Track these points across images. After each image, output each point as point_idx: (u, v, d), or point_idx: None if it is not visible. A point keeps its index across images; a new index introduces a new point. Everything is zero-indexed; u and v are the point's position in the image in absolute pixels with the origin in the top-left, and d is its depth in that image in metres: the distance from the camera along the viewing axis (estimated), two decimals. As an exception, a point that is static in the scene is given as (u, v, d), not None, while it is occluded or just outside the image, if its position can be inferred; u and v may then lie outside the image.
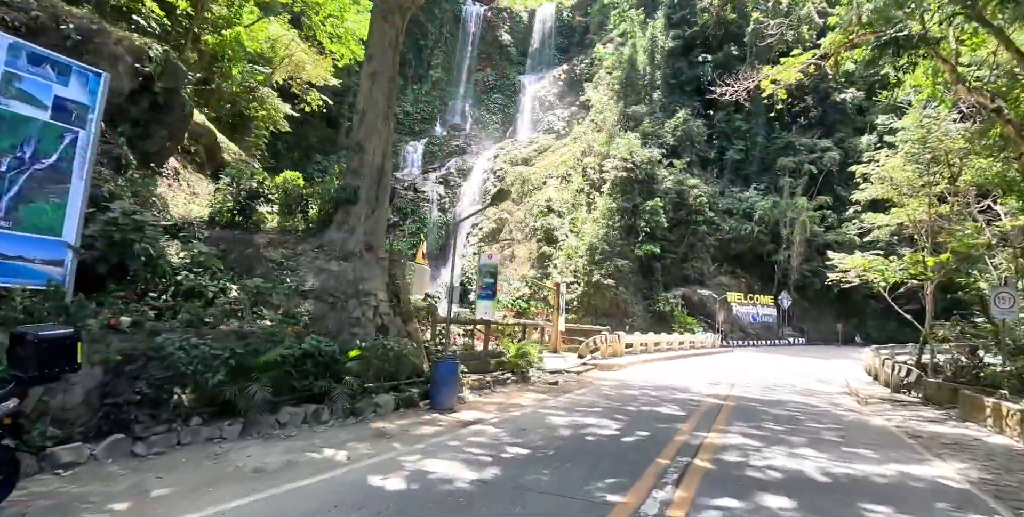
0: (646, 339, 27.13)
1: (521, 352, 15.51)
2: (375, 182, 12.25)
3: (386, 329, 11.51)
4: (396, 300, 12.16)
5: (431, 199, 55.82)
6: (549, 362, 19.11)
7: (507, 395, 13.21)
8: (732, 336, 44.44)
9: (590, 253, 43.13)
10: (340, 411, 9.32)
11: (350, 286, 11.10)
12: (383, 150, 12.48)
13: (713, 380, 18.45)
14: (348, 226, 11.95)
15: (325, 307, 10.76)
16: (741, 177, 49.98)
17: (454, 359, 11.27)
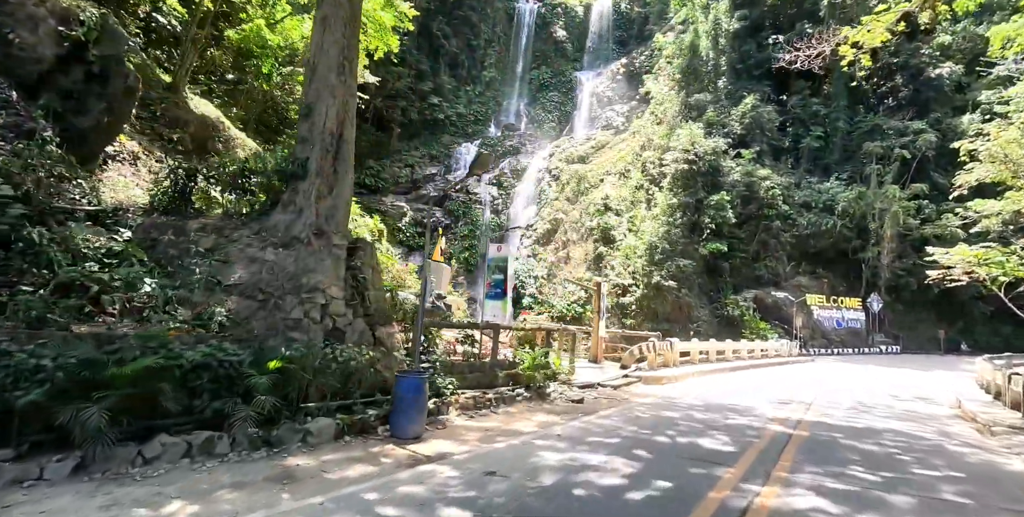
0: (707, 346, 23.65)
1: (538, 363, 12.76)
2: (329, 151, 9.93)
3: (340, 334, 9.11)
4: (360, 298, 9.74)
5: (484, 201, 53.77)
6: (584, 374, 16.24)
7: (508, 417, 10.52)
8: (813, 344, 39.69)
9: (650, 253, 39.70)
10: (246, 441, 6.95)
11: (289, 280, 8.78)
12: (340, 112, 10.14)
13: (784, 398, 15.01)
14: (295, 207, 9.67)
15: (253, 305, 8.49)
16: (820, 167, 45.07)
17: (421, 373, 8.71)
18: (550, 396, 12.69)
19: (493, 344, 12.66)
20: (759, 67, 49.41)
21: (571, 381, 14.37)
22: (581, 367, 17.76)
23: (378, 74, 55.20)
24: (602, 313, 19.15)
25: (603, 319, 19.10)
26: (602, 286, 19.23)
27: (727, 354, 25.03)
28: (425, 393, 8.53)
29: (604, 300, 19.18)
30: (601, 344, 19.11)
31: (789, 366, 27.94)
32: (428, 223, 11.54)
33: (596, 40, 71.70)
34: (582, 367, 17.81)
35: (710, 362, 22.97)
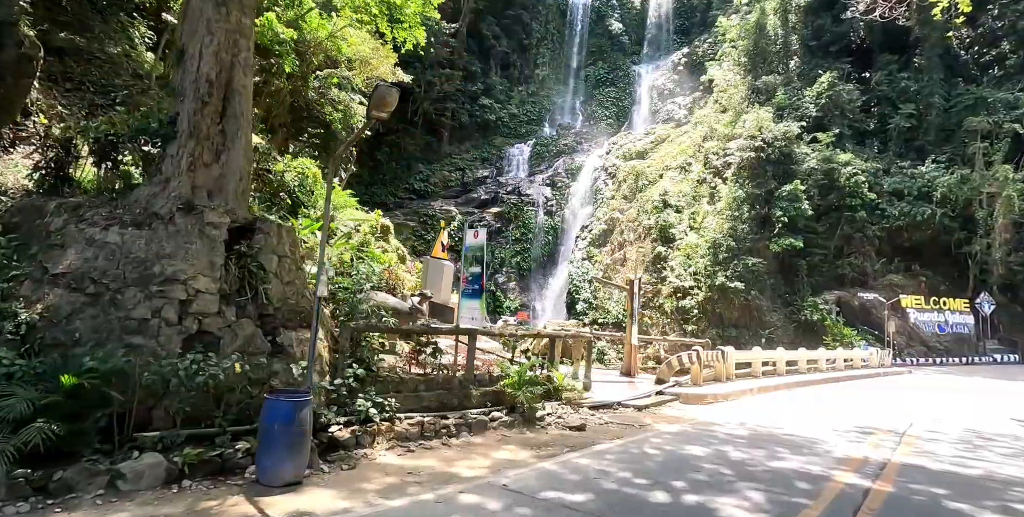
0: (772, 356, 19.89)
1: (528, 379, 9.97)
2: (208, 105, 7.61)
3: (213, 339, 6.75)
4: (251, 294, 7.35)
5: (537, 202, 51.17)
6: (606, 391, 13.28)
7: (463, 451, 7.83)
8: (909, 352, 34.35)
9: (713, 251, 35.83)
10: (2, 489, 4.67)
11: (134, 268, 6.50)
12: (224, 54, 7.79)
13: (865, 424, 11.48)
14: (162, 176, 7.43)
15: (79, 301, 6.23)
16: (912, 149, 39.51)
17: (296, 395, 6.18)
18: (542, 420, 9.86)
19: (468, 354, 9.99)
20: (836, 42, 44.38)
21: (580, 400, 11.46)
22: (609, 381, 14.78)
23: (426, 77, 54.11)
24: (635, 316, 16.03)
25: (635, 323, 15.97)
26: (634, 285, 16.14)
27: (800, 365, 21.11)
28: (302, 422, 6.02)
29: (637, 301, 16.07)
30: (635, 354, 15.98)
31: (878, 379, 23.54)
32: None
33: (655, 31, 67.87)
34: (610, 381, 14.81)
35: (777, 375, 19.24)
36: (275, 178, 17.50)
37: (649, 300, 38.82)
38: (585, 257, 45.91)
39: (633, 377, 15.68)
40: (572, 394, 11.65)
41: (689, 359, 14.53)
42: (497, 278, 47.29)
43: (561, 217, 50.80)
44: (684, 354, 14.74)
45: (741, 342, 33.82)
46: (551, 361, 11.80)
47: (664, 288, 37.66)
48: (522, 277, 47.83)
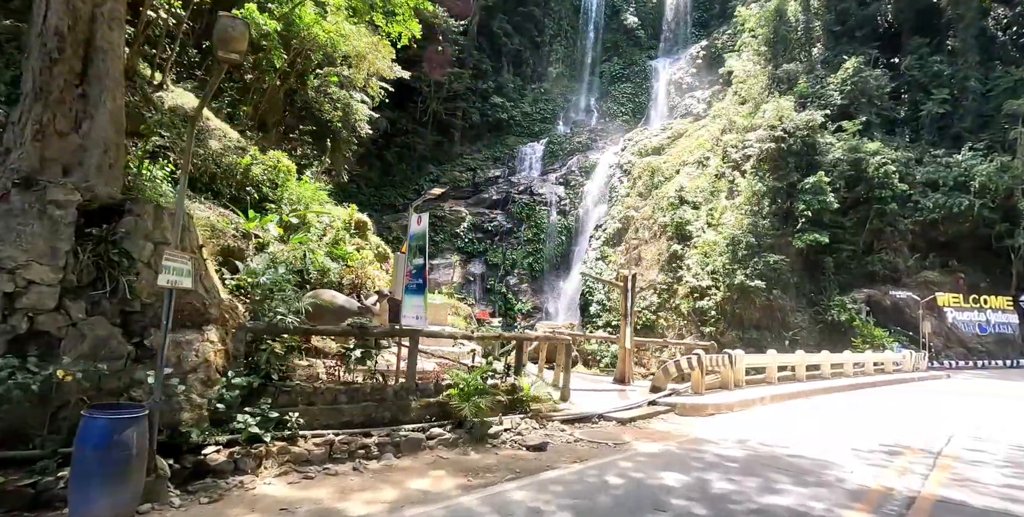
0: (790, 360, 17.91)
1: (477, 389, 8.41)
2: (59, 62, 6.19)
3: (52, 341, 5.37)
4: (111, 288, 5.95)
5: (549, 202, 49.58)
6: (589, 400, 11.66)
7: (374, 477, 6.31)
8: (947, 354, 31.79)
9: (732, 248, 33.78)
10: None
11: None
12: (77, 3, 6.34)
13: (892, 441, 9.67)
14: (2, 147, 6.11)
15: None
16: (947, 137, 36.91)
17: (130, 409, 4.75)
18: (496, 438, 8.29)
19: (408, 359, 8.48)
20: (862, 27, 41.98)
21: (552, 413, 9.85)
22: (597, 390, 13.13)
23: (435, 77, 52.97)
24: (629, 316, 14.32)
25: (629, 325, 14.24)
26: (628, 281, 14.42)
27: (823, 369, 19.09)
28: (124, 445, 4.60)
29: (631, 299, 14.35)
30: (629, 359, 14.23)
31: (912, 385, 21.37)
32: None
33: (673, 24, 65.87)
34: (599, 390, 13.16)
35: (796, 381, 17.30)
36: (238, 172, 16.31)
37: (665, 301, 36.88)
38: (599, 257, 44.11)
39: (627, 385, 13.98)
40: (544, 405, 10.05)
41: (689, 364, 12.79)
42: (509, 280, 45.79)
43: (575, 217, 49.10)
44: (683, 358, 13.00)
45: (763, 345, 31.68)
46: (517, 367, 10.21)
47: (680, 288, 35.71)
48: (534, 279, 46.24)
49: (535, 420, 9.36)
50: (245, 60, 28.32)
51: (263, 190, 16.52)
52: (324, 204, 17.93)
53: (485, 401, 8.36)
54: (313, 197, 17.00)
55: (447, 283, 45.24)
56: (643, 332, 37.70)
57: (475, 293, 45.47)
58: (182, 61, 25.08)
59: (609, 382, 14.32)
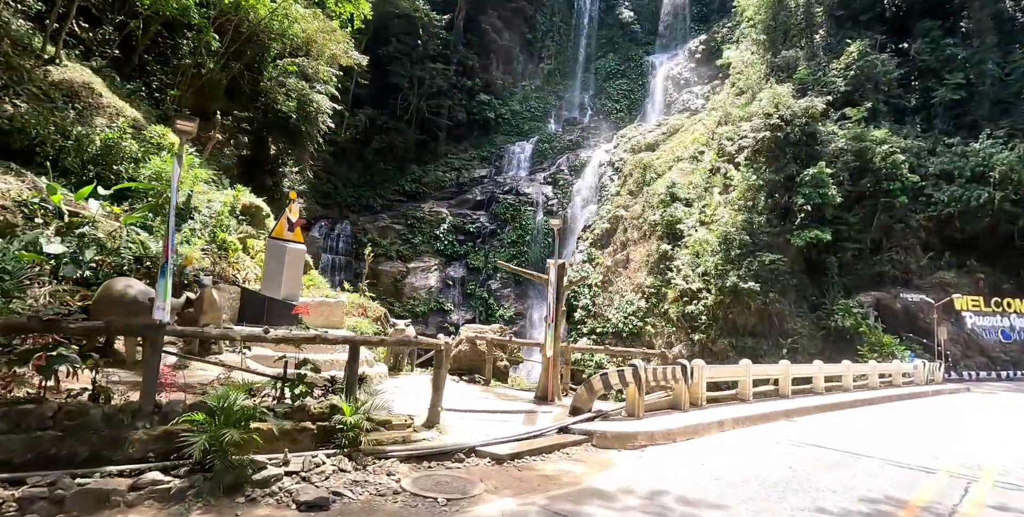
0: (772, 372, 14.72)
1: (235, 413, 5.50)
2: None
3: None
4: None
5: (536, 202, 46.73)
6: (476, 427, 8.72)
7: None
8: (966, 364, 28.32)
9: (724, 247, 30.71)
10: None
11: None
12: None
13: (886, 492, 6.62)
14: None
15: None
16: (963, 125, 33.61)
17: None
18: (264, 487, 5.38)
19: (144, 372, 5.60)
20: (867, 10, 38.87)
21: (396, 447, 6.91)
22: (501, 412, 10.16)
23: (413, 72, 50.48)
24: (557, 318, 11.29)
25: (553, 328, 11.16)
26: (553, 271, 11.41)
27: (816, 383, 15.92)
28: None
29: (554, 294, 11.31)
30: (554, 370, 11.15)
31: (925, 401, 18.10)
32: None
33: (671, 19, 63.06)
34: (503, 412, 10.18)
35: (780, 398, 14.17)
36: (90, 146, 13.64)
37: (653, 306, 33.79)
38: (585, 259, 41.15)
39: (551, 403, 10.97)
40: (388, 435, 7.13)
41: (621, 378, 9.76)
42: (490, 284, 42.87)
43: (562, 217, 46.11)
44: (613, 371, 9.96)
45: (758, 354, 28.49)
46: (349, 380, 7.29)
47: (670, 292, 32.63)
48: (518, 283, 43.22)
49: (354, 458, 6.42)
50: (177, 41, 25.84)
51: (124, 167, 13.85)
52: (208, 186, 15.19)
53: (247, 431, 5.45)
54: (196, 176, 14.25)
55: (424, 287, 42.50)
56: (629, 340, 34.58)
57: (454, 298, 42.61)
58: (96, 38, 22.73)
59: (529, 400, 11.37)
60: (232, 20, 28.44)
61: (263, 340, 7.09)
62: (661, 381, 10.70)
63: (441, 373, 8.57)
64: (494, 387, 13.09)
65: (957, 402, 18.26)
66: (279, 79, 31.37)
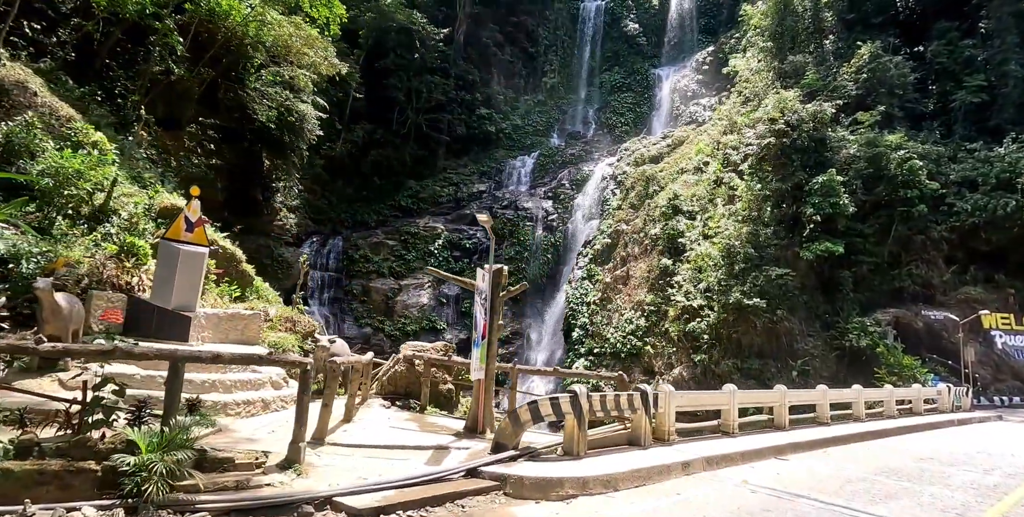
0: (763, 399, 12.52)
1: None
2: None
3: None
4: None
5: (535, 217, 44.99)
6: (356, 466, 6.83)
7: None
8: (997, 388, 25.59)
9: (728, 261, 28.56)
10: None
11: None
12: None
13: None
14: None
15: None
16: (985, 130, 31.29)
17: None
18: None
19: None
20: (879, 13, 37.00)
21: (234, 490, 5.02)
22: (406, 448, 8.20)
23: (410, 85, 49.41)
24: (492, 335, 9.33)
25: (484, 345, 9.21)
26: (483, 277, 9.51)
27: (821, 412, 13.66)
28: None
29: (480, 306, 9.42)
30: (485, 395, 9.13)
31: (950, 431, 15.69)
32: None
33: (678, 31, 61.70)
34: (410, 447, 8.22)
35: (773, 429, 12.03)
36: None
37: (653, 325, 31.58)
38: (585, 276, 39.13)
39: (484, 435, 8.99)
40: (221, 478, 5.26)
41: (554, 408, 7.71)
42: (486, 303, 40.87)
43: (563, 233, 44.33)
44: (545, 399, 7.91)
45: (765, 377, 26.13)
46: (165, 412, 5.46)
47: (671, 310, 30.44)
48: (515, 301, 41.26)
49: (139, 511, 4.55)
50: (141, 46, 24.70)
51: (25, 161, 12.33)
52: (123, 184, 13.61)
53: None
54: (91, 175, 12.65)
55: (416, 305, 40.67)
56: (627, 361, 32.29)
57: (448, 317, 40.77)
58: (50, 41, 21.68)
59: (456, 431, 9.37)
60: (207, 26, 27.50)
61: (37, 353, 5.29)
62: (613, 411, 8.67)
63: (304, 400, 6.68)
64: (428, 414, 11.14)
65: (988, 433, 15.83)
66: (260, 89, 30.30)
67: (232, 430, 8.13)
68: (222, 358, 6.46)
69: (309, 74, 30.71)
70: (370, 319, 39.26)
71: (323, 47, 28.31)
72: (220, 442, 7.22)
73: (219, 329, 11.64)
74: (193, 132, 26.11)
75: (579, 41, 62.52)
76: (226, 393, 9.33)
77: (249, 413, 9.10)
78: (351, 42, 47.20)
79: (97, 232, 12.99)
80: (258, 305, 13.47)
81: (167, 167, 24.22)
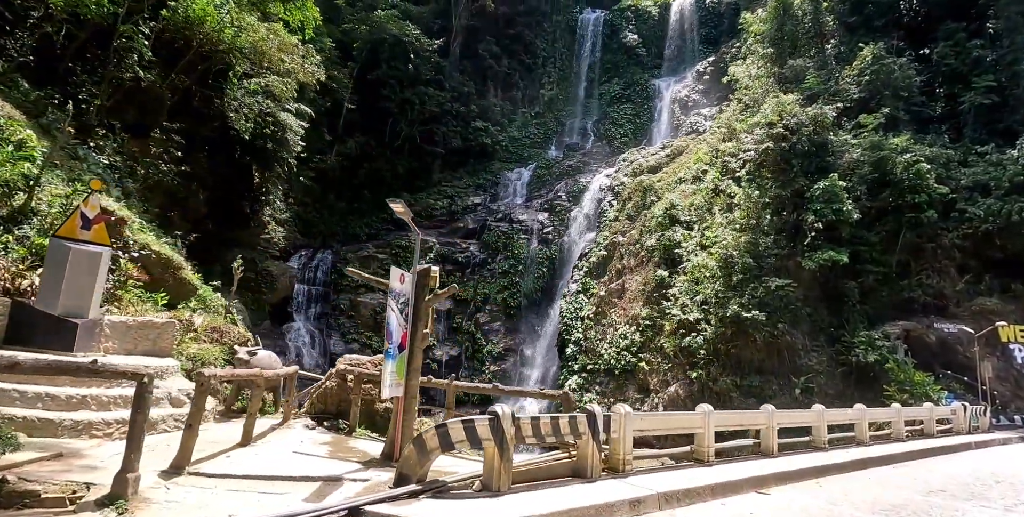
0: (747, 421, 10.91)
1: None
2: None
3: None
4: None
5: (530, 229, 43.67)
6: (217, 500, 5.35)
7: None
8: (1017, 407, 23.60)
9: (726, 272, 27.02)
10: None
11: None
12: None
13: None
14: None
15: None
16: (996, 133, 29.71)
17: None
18: None
19: None
20: (882, 15, 35.75)
21: None
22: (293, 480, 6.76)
23: (404, 96, 48.64)
24: (414, 346, 7.89)
25: (414, 358, 7.74)
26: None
27: (817, 436, 12.05)
28: None
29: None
30: (405, 415, 7.61)
31: (965, 456, 13.96)
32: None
33: (678, 42, 60.84)
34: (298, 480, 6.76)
35: (760, 456, 10.44)
36: None
37: (649, 340, 29.94)
38: (580, 290, 37.61)
39: (401, 464, 7.54)
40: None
41: (467, 433, 6.24)
42: (478, 318, 39.44)
43: (559, 246, 42.88)
44: (456, 422, 6.43)
45: (766, 395, 24.37)
46: None
47: (666, 324, 28.81)
48: (509, 316, 39.82)
49: None
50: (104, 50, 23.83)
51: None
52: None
53: None
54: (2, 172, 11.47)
55: (405, 322, 39.16)
56: (621, 378, 30.59)
57: (439, 332, 39.19)
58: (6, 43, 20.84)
59: (372, 458, 7.88)
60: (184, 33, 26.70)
61: None
62: (549, 437, 7.18)
63: (139, 420, 5.30)
64: (356, 437, 9.65)
65: (1010, 458, 14.09)
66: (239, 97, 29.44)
67: (81, 455, 6.75)
68: (21, 367, 5.10)
69: (290, 82, 29.86)
70: (357, 335, 37.85)
71: (300, 54, 27.42)
72: (45, 470, 5.84)
73: (127, 338, 10.32)
74: (161, 139, 25.07)
75: (577, 53, 61.81)
76: (101, 410, 7.97)
77: (123, 434, 7.70)
78: (346, 54, 46.69)
79: (10, 234, 11.83)
80: (183, 315, 12.13)
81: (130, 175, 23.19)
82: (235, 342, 11.79)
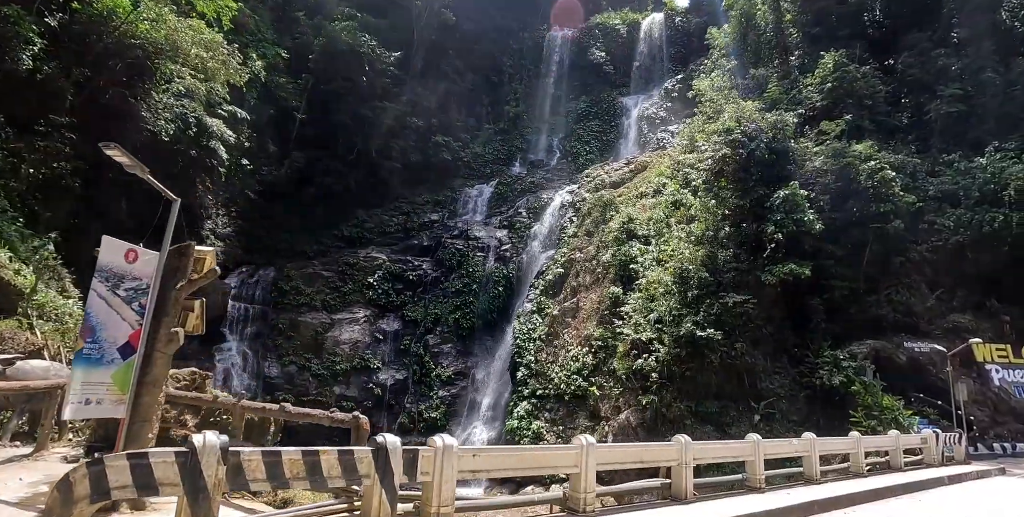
0: (659, 455, 8.58)
1: None
2: None
3: None
4: None
5: (487, 247, 41.37)
6: None
7: None
8: (996, 434, 21.39)
9: (681, 287, 24.87)
10: None
11: None
12: None
13: None
14: None
15: None
16: (964, 142, 28.26)
17: None
18: None
19: None
20: (846, 26, 34.69)
21: None
22: None
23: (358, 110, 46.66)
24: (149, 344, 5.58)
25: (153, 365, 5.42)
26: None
27: (751, 473, 9.71)
28: None
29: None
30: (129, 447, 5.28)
31: (938, 494, 11.65)
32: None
33: (647, 60, 59.98)
34: None
35: (670, 502, 8.08)
36: None
37: (601, 362, 27.53)
38: (535, 309, 35.17)
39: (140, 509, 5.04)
40: None
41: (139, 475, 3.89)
42: (428, 339, 36.78)
43: (517, 264, 40.56)
44: (120, 458, 4.16)
45: (724, 423, 22.03)
46: None
47: (620, 345, 26.46)
48: (461, 338, 37.18)
49: None
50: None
51: None
52: None
53: None
54: None
55: (349, 341, 36.51)
56: (572, 404, 28.04)
57: (384, 355, 36.44)
58: None
59: None
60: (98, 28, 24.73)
61: None
62: (301, 481, 4.76)
63: None
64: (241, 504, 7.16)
65: (990, 494, 11.80)
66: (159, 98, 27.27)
67: None
68: None
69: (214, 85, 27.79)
70: (296, 357, 34.96)
71: (224, 52, 25.31)
72: None
73: None
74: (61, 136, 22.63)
75: (544, 70, 60.63)
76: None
77: None
78: (302, 66, 44.91)
79: None
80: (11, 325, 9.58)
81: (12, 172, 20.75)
82: (15, 353, 9.25)
